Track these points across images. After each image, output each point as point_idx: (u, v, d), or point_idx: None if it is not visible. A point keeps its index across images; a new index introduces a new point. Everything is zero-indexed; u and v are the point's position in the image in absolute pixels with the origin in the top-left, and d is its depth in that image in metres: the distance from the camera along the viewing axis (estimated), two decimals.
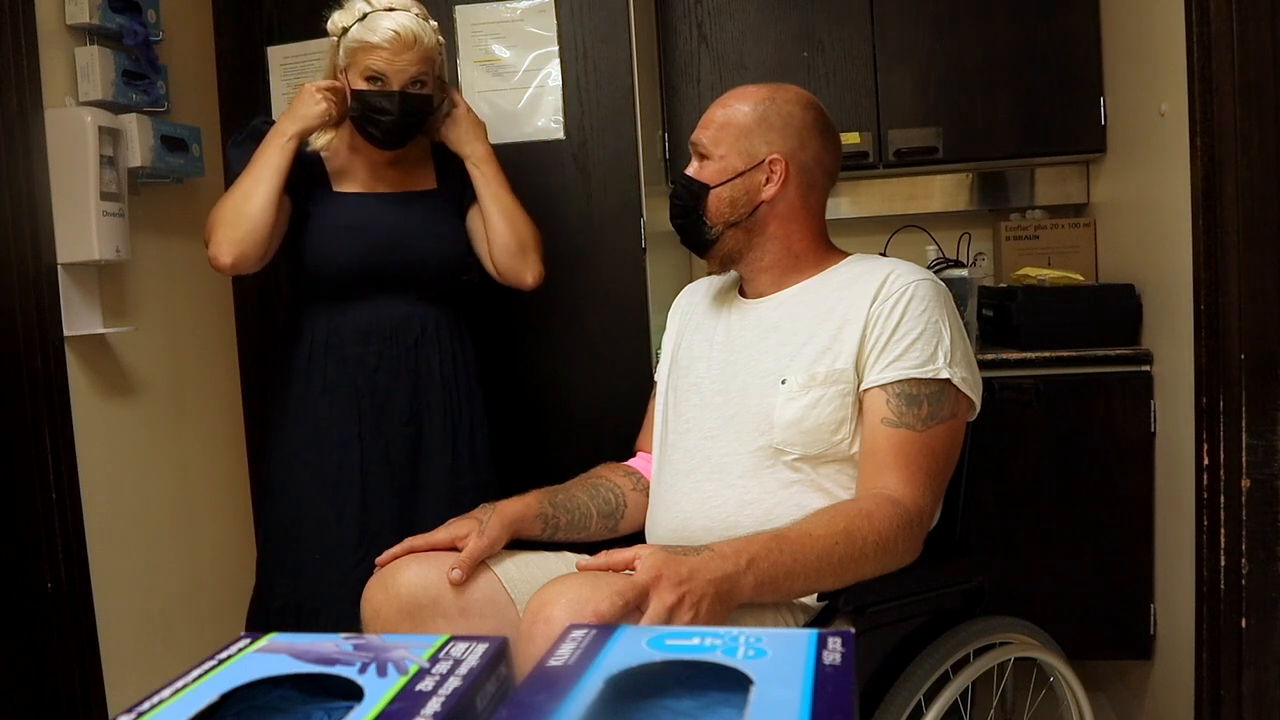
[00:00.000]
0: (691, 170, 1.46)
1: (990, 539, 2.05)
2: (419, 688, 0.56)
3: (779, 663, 0.57)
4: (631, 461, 1.60)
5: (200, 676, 0.60)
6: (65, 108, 1.81)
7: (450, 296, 1.82)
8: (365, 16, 1.64)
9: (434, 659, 0.60)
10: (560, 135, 2.03)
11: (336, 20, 1.68)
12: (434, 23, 1.69)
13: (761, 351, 1.41)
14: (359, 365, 1.73)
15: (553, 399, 2.08)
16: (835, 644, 0.59)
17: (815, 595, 1.25)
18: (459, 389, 1.81)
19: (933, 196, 2.62)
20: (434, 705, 0.54)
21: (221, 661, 0.62)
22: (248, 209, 1.62)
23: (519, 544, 1.42)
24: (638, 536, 1.50)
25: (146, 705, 0.56)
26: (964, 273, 2.40)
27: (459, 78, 2.05)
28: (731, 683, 0.57)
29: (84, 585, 1.78)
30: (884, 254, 2.58)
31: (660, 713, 0.59)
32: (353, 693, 0.57)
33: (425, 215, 1.77)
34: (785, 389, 1.35)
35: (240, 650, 0.64)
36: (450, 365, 1.80)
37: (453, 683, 0.57)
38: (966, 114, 2.34)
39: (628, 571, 1.19)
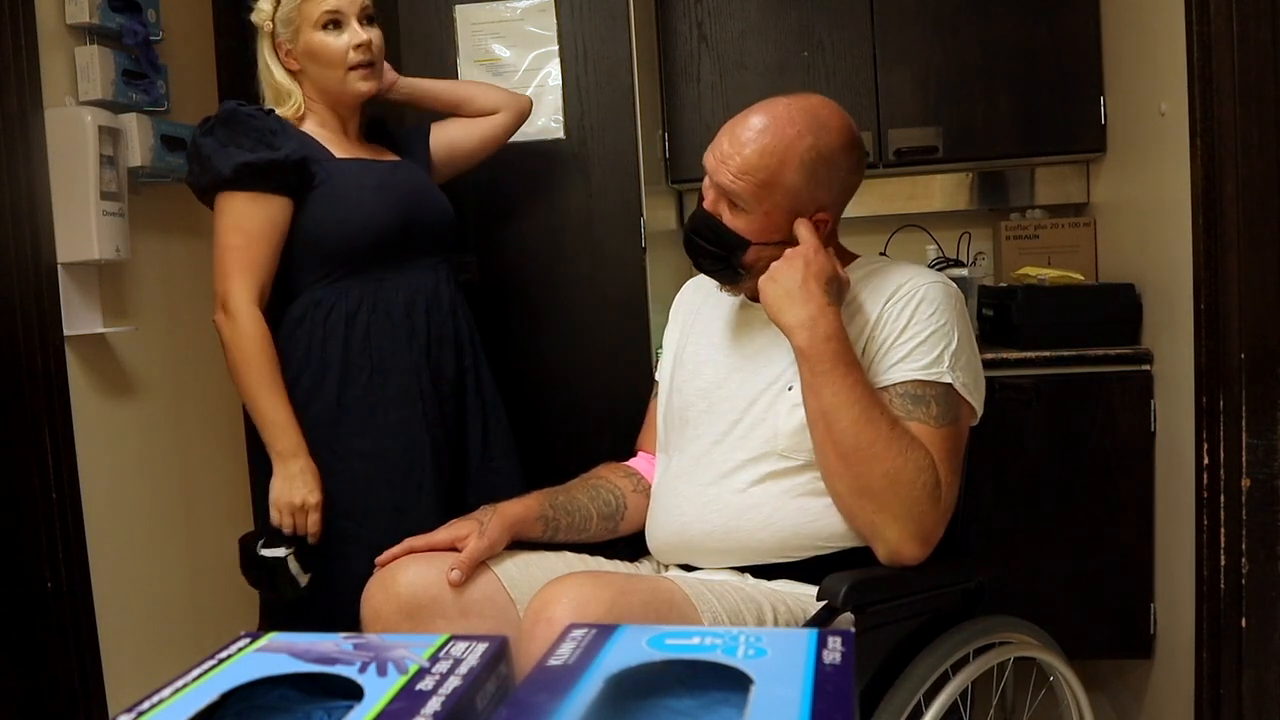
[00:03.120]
0: (726, 217, 1.35)
1: (990, 539, 2.05)
2: (419, 687, 0.56)
3: (779, 662, 0.57)
4: (632, 462, 1.60)
5: (200, 676, 0.60)
6: (65, 107, 1.81)
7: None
8: None
9: (434, 658, 0.60)
10: (560, 135, 2.03)
11: (263, 3, 1.65)
12: None
13: (768, 358, 1.41)
14: (411, 339, 1.66)
15: (553, 398, 2.08)
16: (835, 643, 0.59)
17: (815, 595, 1.25)
18: (480, 352, 1.79)
19: (933, 196, 2.62)
20: (434, 705, 0.54)
21: (221, 661, 0.62)
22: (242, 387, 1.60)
23: (519, 545, 1.42)
24: (638, 537, 1.50)
25: (146, 705, 0.56)
26: (964, 272, 2.41)
27: (459, 77, 2.05)
28: (731, 682, 0.57)
29: (84, 585, 1.78)
30: (884, 253, 2.58)
31: (660, 712, 0.59)
32: (353, 692, 0.57)
33: (420, 178, 1.78)
34: (791, 395, 1.35)
35: (240, 650, 0.64)
36: (471, 328, 1.78)
37: (453, 682, 0.57)
38: (966, 114, 2.34)
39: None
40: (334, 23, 1.64)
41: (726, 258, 1.38)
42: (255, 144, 1.58)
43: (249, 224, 1.59)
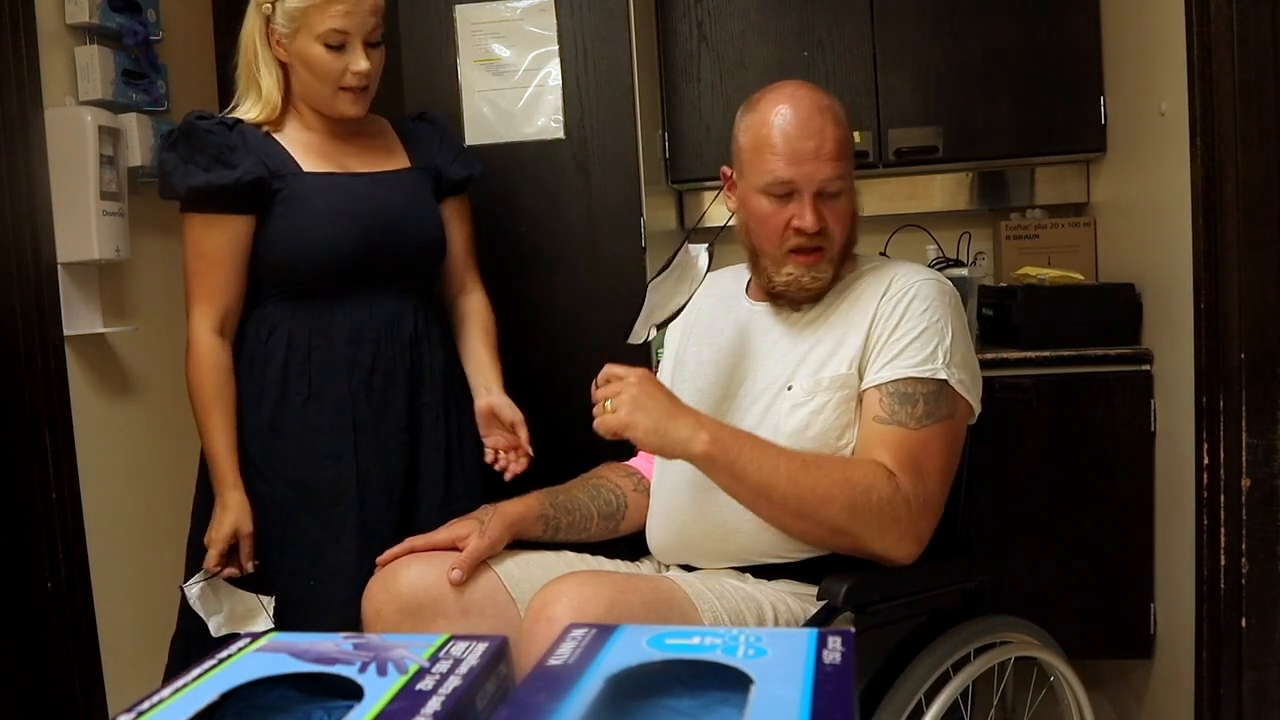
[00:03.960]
0: (827, 217, 1.35)
1: (990, 539, 2.05)
2: (419, 687, 0.56)
3: (779, 662, 0.57)
4: (632, 461, 1.60)
5: (200, 676, 0.60)
6: (65, 107, 1.81)
7: (431, 286, 1.74)
8: None
9: (434, 658, 0.60)
10: (560, 135, 2.03)
11: None
12: None
13: (768, 359, 1.41)
14: (351, 368, 1.58)
15: (553, 399, 2.08)
16: (835, 643, 0.59)
17: (815, 595, 1.25)
18: (452, 388, 1.70)
19: (933, 196, 2.62)
20: (434, 704, 0.54)
21: (221, 661, 0.62)
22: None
23: (519, 544, 1.42)
24: (638, 537, 1.50)
25: (146, 705, 0.56)
26: (964, 272, 2.40)
27: (459, 77, 2.05)
28: (731, 682, 0.57)
29: (84, 585, 1.78)
30: (884, 253, 2.58)
31: (660, 712, 0.59)
32: (353, 692, 0.57)
33: (408, 196, 1.65)
34: (791, 395, 1.35)
35: (240, 650, 0.64)
36: (444, 363, 1.69)
37: (453, 682, 0.57)
38: (966, 114, 2.33)
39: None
40: (339, 42, 1.53)
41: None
42: (211, 162, 1.52)
43: (207, 247, 1.55)
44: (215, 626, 1.55)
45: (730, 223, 1.47)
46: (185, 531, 2.12)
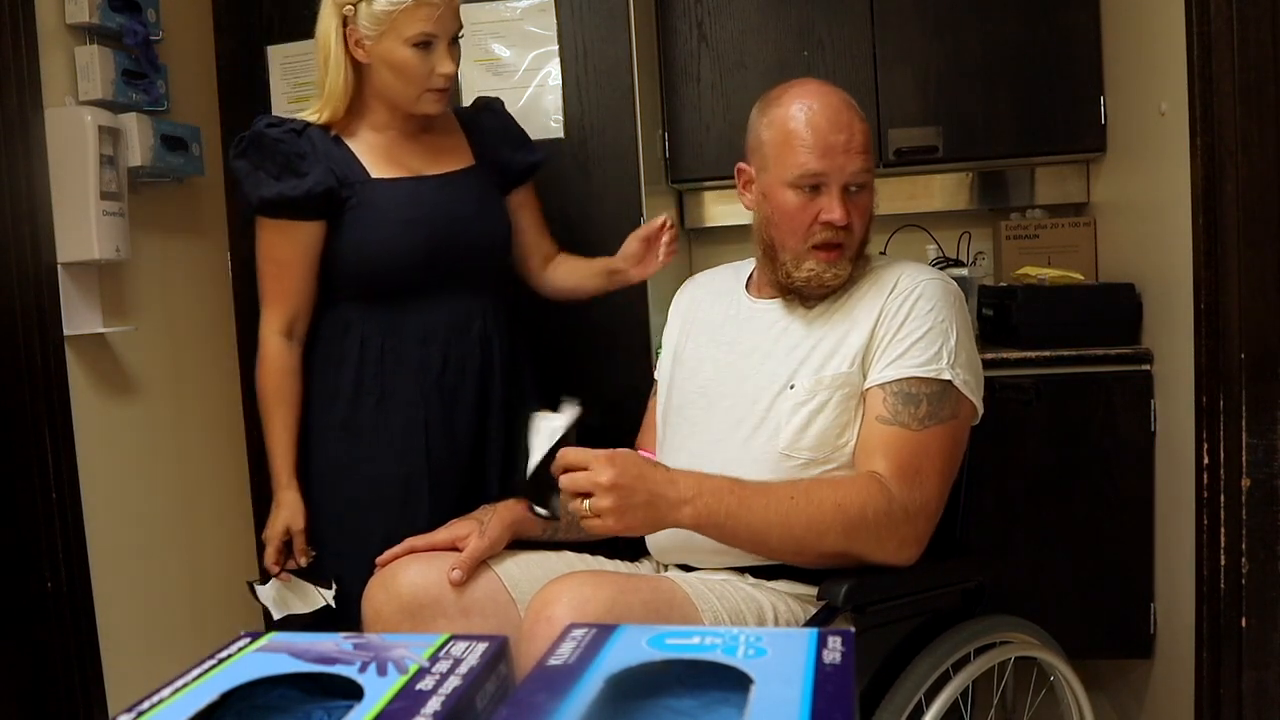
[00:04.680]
0: (852, 214, 1.35)
1: (990, 539, 2.05)
2: (419, 687, 0.56)
3: (779, 662, 0.57)
4: None
5: (200, 676, 0.60)
6: (65, 107, 1.81)
7: (502, 282, 1.75)
8: None
9: (434, 658, 0.60)
10: (560, 135, 2.03)
11: None
12: None
13: (767, 356, 1.41)
14: (422, 370, 1.62)
15: (552, 399, 2.07)
16: (835, 643, 0.59)
17: (815, 595, 1.25)
18: (521, 382, 1.72)
19: (933, 196, 2.62)
20: (434, 704, 0.54)
21: (221, 661, 0.62)
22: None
23: (519, 544, 1.42)
24: (638, 537, 1.50)
25: (146, 705, 0.56)
26: (964, 272, 2.41)
27: (459, 77, 2.04)
28: (731, 682, 0.57)
29: (84, 585, 1.78)
30: (884, 253, 2.58)
31: (660, 712, 0.59)
32: (353, 692, 0.57)
33: (475, 197, 1.68)
34: (793, 394, 1.35)
35: (240, 650, 0.64)
36: (510, 358, 1.71)
37: (453, 682, 0.57)
38: (966, 113, 2.33)
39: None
40: (425, 43, 1.55)
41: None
42: (281, 170, 1.56)
43: (278, 253, 1.61)
44: (279, 615, 1.65)
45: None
46: (185, 531, 2.13)
